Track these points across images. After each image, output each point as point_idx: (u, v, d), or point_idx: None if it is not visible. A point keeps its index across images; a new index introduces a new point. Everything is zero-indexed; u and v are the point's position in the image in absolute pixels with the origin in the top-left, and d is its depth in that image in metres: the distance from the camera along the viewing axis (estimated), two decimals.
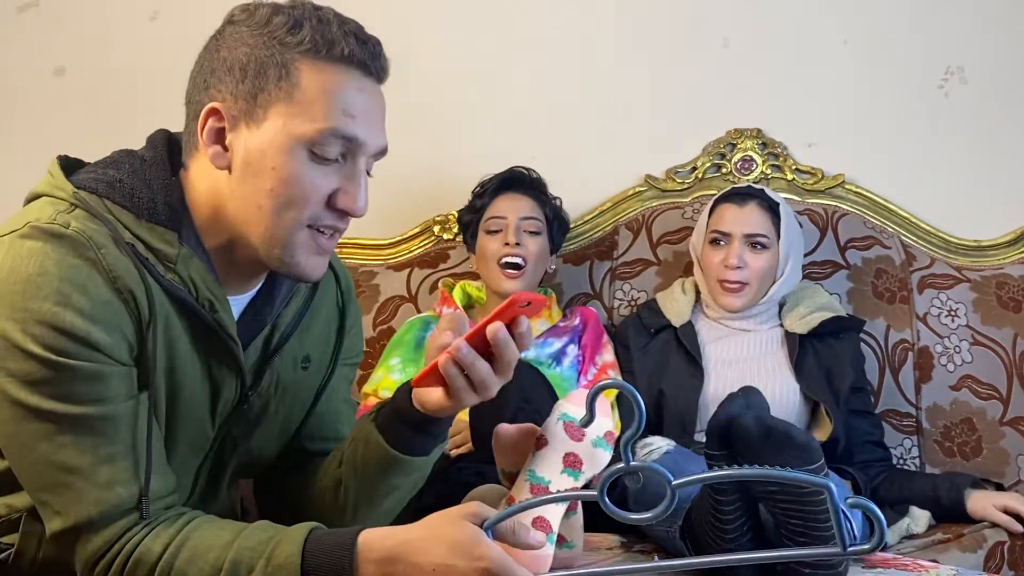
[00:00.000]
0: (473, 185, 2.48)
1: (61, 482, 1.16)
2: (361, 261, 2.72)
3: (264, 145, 1.21)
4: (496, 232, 2.34)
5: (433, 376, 1.24)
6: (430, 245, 2.71)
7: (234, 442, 1.40)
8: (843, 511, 1.00)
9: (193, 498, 1.38)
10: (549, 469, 1.32)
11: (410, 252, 2.72)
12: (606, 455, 1.31)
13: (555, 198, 2.46)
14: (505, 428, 1.36)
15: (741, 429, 1.33)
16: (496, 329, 1.20)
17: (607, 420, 1.32)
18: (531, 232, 2.34)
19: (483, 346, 1.22)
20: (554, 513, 1.28)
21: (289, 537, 1.16)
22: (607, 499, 1.09)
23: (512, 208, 2.35)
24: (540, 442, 1.33)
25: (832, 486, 0.99)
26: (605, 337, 2.35)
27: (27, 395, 1.15)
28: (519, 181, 2.41)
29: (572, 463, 1.30)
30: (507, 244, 2.31)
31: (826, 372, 2.22)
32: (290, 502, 1.47)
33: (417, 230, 2.73)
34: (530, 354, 2.26)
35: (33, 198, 1.27)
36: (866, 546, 0.98)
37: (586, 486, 1.31)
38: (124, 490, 1.17)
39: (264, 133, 1.21)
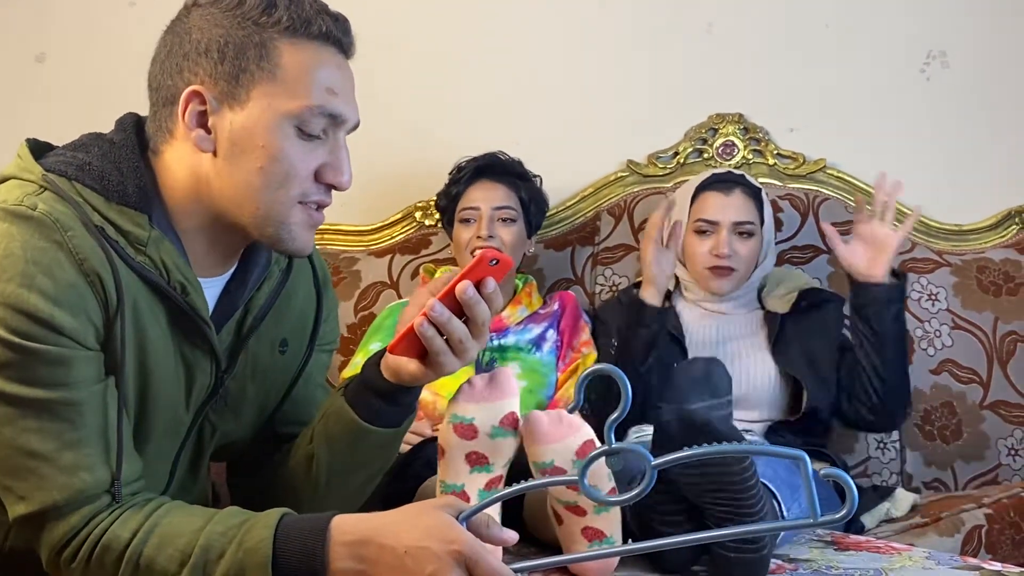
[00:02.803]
0: None
1: (25, 467, 1.15)
2: (343, 247, 2.71)
3: (251, 124, 1.22)
4: (470, 222, 2.33)
5: (409, 340, 1.24)
6: (412, 231, 2.70)
7: (212, 427, 1.40)
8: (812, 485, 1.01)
9: (173, 485, 1.38)
10: (457, 473, 1.31)
11: (392, 238, 2.71)
12: (508, 441, 1.30)
13: (535, 176, 2.44)
14: (536, 414, 1.32)
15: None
16: (465, 287, 1.22)
17: (505, 402, 1.30)
18: (505, 220, 2.32)
19: (455, 308, 1.23)
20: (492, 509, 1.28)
21: (261, 522, 1.16)
22: (586, 482, 1.10)
23: (485, 198, 2.33)
24: (440, 452, 1.32)
25: (806, 457, 1.00)
26: (582, 320, 2.35)
27: None
28: (492, 168, 2.39)
29: (477, 460, 1.30)
30: (479, 236, 2.28)
31: (808, 347, 2.20)
32: (263, 484, 1.47)
33: (399, 216, 2.72)
34: (510, 340, 2.26)
35: (1, 181, 1.26)
36: (837, 515, 0.99)
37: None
38: (89, 476, 1.17)
39: (249, 113, 1.22)
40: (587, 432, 1.31)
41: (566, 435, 1.29)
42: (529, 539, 1.53)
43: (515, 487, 1.17)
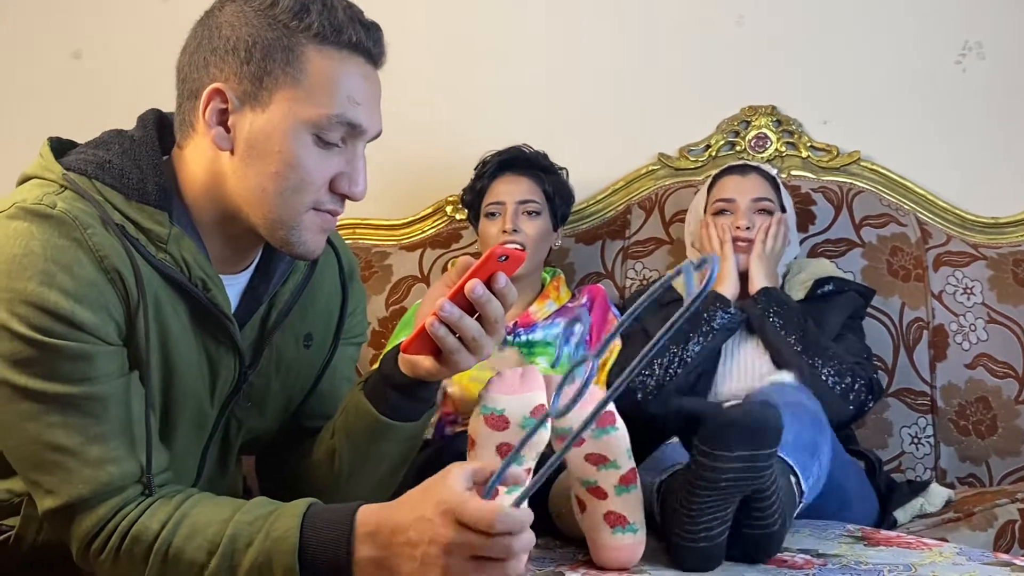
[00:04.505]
0: None
1: (51, 461, 1.17)
2: (374, 241, 2.72)
3: (270, 128, 1.22)
4: (495, 217, 2.33)
5: (422, 339, 1.24)
6: (443, 225, 2.71)
7: (238, 422, 1.41)
8: None
9: (201, 479, 1.39)
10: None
11: (423, 232, 2.72)
12: (540, 433, 1.29)
13: (560, 168, 2.44)
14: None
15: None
16: (473, 286, 1.20)
17: (535, 394, 1.29)
18: (530, 213, 2.32)
19: (468, 306, 1.22)
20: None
21: (288, 511, 1.17)
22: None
23: (509, 192, 2.33)
24: (470, 443, 1.32)
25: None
26: (611, 314, 2.33)
27: (14, 375, 1.16)
28: (516, 161, 2.39)
29: (508, 451, 1.28)
30: (504, 231, 2.29)
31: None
32: (287, 477, 1.48)
33: (430, 210, 2.73)
34: (537, 335, 2.26)
35: (24, 180, 1.28)
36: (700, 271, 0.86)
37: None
38: (115, 468, 1.18)
39: (270, 116, 1.22)
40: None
41: (583, 406, 1.30)
42: (554, 532, 1.53)
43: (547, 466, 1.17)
